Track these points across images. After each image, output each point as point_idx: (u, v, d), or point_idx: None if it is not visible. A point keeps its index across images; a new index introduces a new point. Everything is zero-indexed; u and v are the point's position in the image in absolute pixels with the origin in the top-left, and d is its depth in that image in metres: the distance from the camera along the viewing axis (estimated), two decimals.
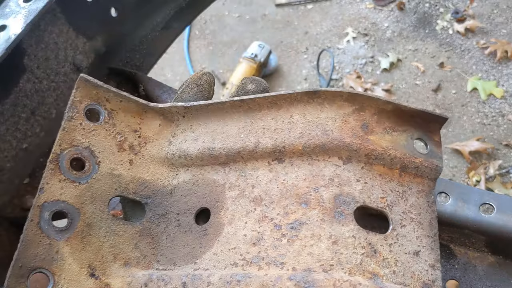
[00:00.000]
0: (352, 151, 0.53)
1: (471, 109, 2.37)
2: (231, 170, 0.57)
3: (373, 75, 2.55)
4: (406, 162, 0.53)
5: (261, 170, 0.55)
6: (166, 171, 0.59)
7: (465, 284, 0.74)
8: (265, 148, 0.55)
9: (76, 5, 0.87)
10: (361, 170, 0.53)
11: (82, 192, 0.54)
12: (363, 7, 2.84)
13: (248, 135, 0.56)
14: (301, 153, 0.54)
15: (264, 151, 0.55)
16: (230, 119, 0.58)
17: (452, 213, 0.71)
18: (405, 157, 0.53)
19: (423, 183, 0.54)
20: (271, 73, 2.63)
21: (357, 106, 0.54)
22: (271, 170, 0.55)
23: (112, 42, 1.00)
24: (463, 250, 0.76)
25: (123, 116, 0.58)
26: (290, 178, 0.54)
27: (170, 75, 2.73)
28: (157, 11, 1.09)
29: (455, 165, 2.21)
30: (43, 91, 0.86)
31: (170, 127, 0.60)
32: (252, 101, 0.56)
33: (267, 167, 0.55)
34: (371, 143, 0.53)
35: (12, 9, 0.77)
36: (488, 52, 2.50)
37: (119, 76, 1.01)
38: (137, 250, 0.55)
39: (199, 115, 0.59)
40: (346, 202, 0.51)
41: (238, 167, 0.57)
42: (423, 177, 0.54)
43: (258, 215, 0.53)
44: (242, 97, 0.56)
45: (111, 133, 0.57)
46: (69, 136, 0.55)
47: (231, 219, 0.54)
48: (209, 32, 2.89)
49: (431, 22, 2.71)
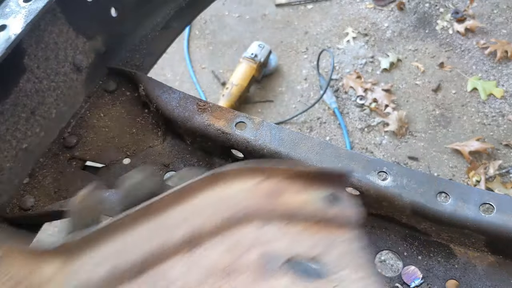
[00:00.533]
0: (269, 213, 0.52)
1: (471, 109, 2.37)
2: (143, 283, 0.51)
3: (373, 75, 2.55)
4: (324, 216, 0.53)
5: (177, 266, 0.51)
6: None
7: (465, 284, 0.74)
8: (176, 243, 0.52)
9: (76, 5, 0.87)
10: (284, 227, 0.52)
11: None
12: (363, 7, 2.84)
13: (155, 238, 0.52)
14: (216, 231, 0.52)
15: (176, 246, 0.52)
16: (132, 230, 0.53)
17: (452, 213, 0.71)
18: (321, 212, 0.53)
19: (346, 232, 0.54)
20: (271, 73, 2.63)
21: (264, 177, 0.54)
22: (187, 261, 0.51)
23: (112, 42, 1.00)
24: (463, 250, 0.76)
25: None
26: (210, 259, 0.51)
27: (170, 75, 2.73)
28: (157, 11, 1.09)
29: (455, 165, 2.21)
30: (43, 91, 0.86)
31: (66, 264, 0.53)
32: (151, 206, 0.52)
33: (183, 259, 0.51)
34: (285, 204, 0.53)
35: (12, 9, 0.77)
36: (488, 52, 2.50)
37: (119, 76, 1.01)
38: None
39: (97, 239, 0.53)
40: (275, 257, 0.50)
41: (150, 275, 0.52)
42: (345, 227, 0.54)
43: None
44: (138, 208, 0.52)
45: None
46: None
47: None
48: (209, 32, 2.89)
49: (431, 22, 2.71)
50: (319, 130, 2.40)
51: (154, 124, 0.97)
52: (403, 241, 0.79)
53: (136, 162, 0.93)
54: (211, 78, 2.68)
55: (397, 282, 0.76)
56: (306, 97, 2.53)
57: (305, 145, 0.79)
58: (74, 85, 0.94)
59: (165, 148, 0.95)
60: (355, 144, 2.33)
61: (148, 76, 0.95)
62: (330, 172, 0.56)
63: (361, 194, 0.77)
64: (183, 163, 0.93)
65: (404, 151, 2.28)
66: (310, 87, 2.56)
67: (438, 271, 0.76)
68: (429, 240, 0.78)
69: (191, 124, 0.87)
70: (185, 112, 0.88)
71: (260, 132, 0.82)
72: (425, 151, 2.27)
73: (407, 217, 0.76)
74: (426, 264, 0.77)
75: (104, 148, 0.94)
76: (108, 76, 1.01)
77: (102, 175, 0.91)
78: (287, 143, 0.80)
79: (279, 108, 2.51)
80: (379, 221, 0.82)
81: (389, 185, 0.74)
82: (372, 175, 0.75)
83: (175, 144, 0.95)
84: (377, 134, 2.35)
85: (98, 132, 0.95)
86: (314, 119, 2.44)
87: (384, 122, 2.36)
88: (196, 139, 0.90)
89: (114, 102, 0.99)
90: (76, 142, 0.93)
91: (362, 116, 2.41)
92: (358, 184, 0.75)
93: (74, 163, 0.92)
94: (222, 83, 2.63)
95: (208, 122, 0.85)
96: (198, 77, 2.69)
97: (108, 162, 0.93)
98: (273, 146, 0.80)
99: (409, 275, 0.76)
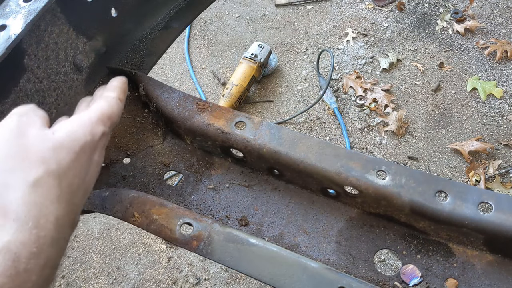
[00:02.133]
0: None
1: (470, 109, 2.37)
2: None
3: (372, 75, 2.55)
4: None
5: None
6: None
7: (463, 283, 0.74)
8: None
9: (76, 5, 0.88)
10: None
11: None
12: (363, 7, 2.84)
13: None
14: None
15: None
16: None
17: (451, 212, 0.71)
18: None
19: None
20: (271, 73, 2.63)
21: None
22: None
23: (113, 42, 1.00)
24: (462, 249, 0.76)
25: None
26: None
27: (170, 75, 2.73)
28: (157, 11, 1.09)
29: (455, 165, 2.21)
30: (44, 91, 0.86)
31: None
32: None
33: None
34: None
35: (12, 9, 0.77)
36: (488, 52, 2.51)
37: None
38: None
39: None
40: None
41: None
42: None
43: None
44: None
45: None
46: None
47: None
48: (209, 32, 2.89)
49: (430, 22, 2.71)
50: (319, 130, 2.40)
51: (154, 123, 0.97)
52: (402, 240, 0.79)
53: (136, 162, 0.93)
54: (211, 78, 2.68)
55: (396, 281, 0.76)
56: (306, 97, 2.53)
57: (305, 145, 0.79)
58: (74, 85, 0.94)
59: (165, 148, 0.95)
60: (355, 144, 2.33)
61: (148, 76, 0.96)
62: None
63: (360, 193, 0.77)
64: (183, 162, 0.93)
65: (404, 151, 2.28)
66: (310, 87, 2.56)
67: (437, 269, 0.76)
68: (428, 239, 0.78)
69: (191, 123, 0.87)
70: (185, 111, 0.88)
71: (260, 132, 0.82)
72: (424, 151, 2.27)
73: (406, 216, 0.76)
74: (425, 262, 0.77)
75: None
76: (109, 76, 1.01)
77: (102, 174, 0.91)
78: (287, 142, 0.80)
79: (279, 108, 2.51)
80: (378, 220, 0.82)
81: (387, 184, 0.74)
82: (371, 174, 0.75)
83: (175, 144, 0.95)
84: (377, 134, 2.35)
85: None
86: (314, 119, 2.44)
87: (383, 122, 2.36)
88: (196, 139, 0.90)
89: None
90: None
91: (361, 116, 2.41)
92: (357, 183, 0.75)
93: None
94: (222, 83, 2.63)
95: (208, 122, 0.86)
96: (198, 77, 2.69)
97: (108, 161, 0.93)
98: (272, 145, 0.81)
99: (408, 274, 0.76)
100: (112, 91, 0.75)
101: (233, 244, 0.71)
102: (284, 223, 0.84)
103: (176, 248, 2.14)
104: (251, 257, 0.70)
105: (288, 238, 0.82)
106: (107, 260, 2.14)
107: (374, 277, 0.77)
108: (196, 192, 0.89)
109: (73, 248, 2.18)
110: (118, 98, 0.74)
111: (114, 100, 0.72)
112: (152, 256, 2.13)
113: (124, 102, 0.77)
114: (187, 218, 0.74)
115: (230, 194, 0.88)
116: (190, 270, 2.07)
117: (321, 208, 0.84)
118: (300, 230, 0.83)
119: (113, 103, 0.72)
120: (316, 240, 0.81)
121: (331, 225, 0.83)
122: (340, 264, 0.79)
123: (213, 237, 0.72)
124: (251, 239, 0.71)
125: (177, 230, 0.73)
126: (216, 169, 0.91)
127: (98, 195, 0.80)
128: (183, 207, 0.77)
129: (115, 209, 0.78)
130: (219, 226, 0.73)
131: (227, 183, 0.90)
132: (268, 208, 0.86)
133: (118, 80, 0.79)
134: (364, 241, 0.81)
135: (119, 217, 0.78)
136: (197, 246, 0.71)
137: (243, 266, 0.69)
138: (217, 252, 0.71)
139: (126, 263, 2.12)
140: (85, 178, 0.62)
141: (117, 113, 0.72)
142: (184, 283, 2.04)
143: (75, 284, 2.08)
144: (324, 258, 0.80)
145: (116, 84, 0.77)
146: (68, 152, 0.59)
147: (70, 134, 0.61)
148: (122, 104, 0.75)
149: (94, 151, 0.64)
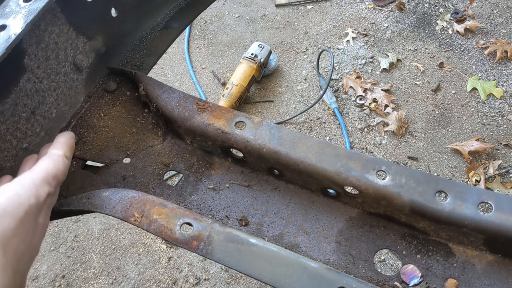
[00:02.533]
0: None
1: (470, 109, 2.37)
2: None
3: (372, 75, 2.55)
4: None
5: None
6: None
7: (463, 283, 0.74)
8: None
9: (76, 5, 0.88)
10: None
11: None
12: (363, 7, 2.84)
13: None
14: None
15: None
16: None
17: (451, 212, 0.71)
18: None
19: None
20: (271, 73, 2.63)
21: None
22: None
23: (113, 42, 1.00)
24: (462, 249, 0.76)
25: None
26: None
27: (170, 75, 2.73)
28: (157, 11, 1.09)
29: (455, 165, 2.21)
30: (44, 91, 0.86)
31: None
32: None
33: None
34: None
35: (12, 9, 0.77)
36: (488, 52, 2.51)
37: (119, 76, 1.01)
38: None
39: None
40: None
41: None
42: None
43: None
44: None
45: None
46: None
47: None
48: (209, 33, 2.89)
49: (430, 22, 2.71)
50: (319, 130, 2.40)
51: (154, 123, 0.97)
52: (402, 240, 0.79)
53: (136, 162, 0.93)
54: (211, 78, 2.68)
55: (396, 281, 0.76)
56: (306, 97, 2.53)
57: (305, 145, 0.79)
58: (74, 85, 0.94)
59: (165, 148, 0.95)
60: (355, 144, 2.33)
61: (148, 76, 0.96)
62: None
63: (360, 193, 0.77)
64: (183, 162, 0.93)
65: (404, 151, 2.28)
66: (310, 87, 2.56)
67: (437, 269, 0.76)
68: (428, 239, 0.78)
69: (191, 123, 0.87)
70: (185, 111, 0.88)
71: (260, 132, 0.82)
72: (424, 151, 2.27)
73: (406, 216, 0.76)
74: (425, 263, 0.77)
75: (104, 147, 0.94)
76: (109, 76, 1.01)
77: (102, 174, 0.91)
78: (287, 142, 0.80)
79: (279, 108, 2.51)
80: (378, 220, 0.82)
81: (387, 184, 0.74)
82: (371, 174, 0.75)
83: (175, 144, 0.95)
84: (377, 134, 2.35)
85: (98, 131, 0.96)
86: (314, 119, 2.44)
87: (383, 122, 2.36)
88: (196, 139, 0.90)
89: (114, 102, 0.99)
90: (76, 142, 0.93)
91: (361, 116, 2.41)
92: (357, 183, 0.75)
93: (74, 162, 0.92)
94: (222, 83, 2.63)
95: (208, 122, 0.86)
96: (198, 77, 2.69)
97: (108, 161, 0.93)
98: (272, 145, 0.81)
99: (408, 274, 0.76)
100: (58, 149, 0.73)
101: (233, 244, 0.71)
102: (284, 223, 0.84)
103: (176, 248, 2.14)
104: (251, 257, 0.70)
105: (288, 238, 0.82)
106: (107, 260, 2.14)
107: (374, 277, 0.77)
108: (196, 192, 0.89)
109: (73, 248, 2.18)
110: (65, 156, 0.72)
111: (60, 159, 0.71)
112: (152, 256, 2.13)
113: (70, 159, 0.75)
114: (187, 218, 0.74)
115: (230, 194, 0.88)
116: (190, 270, 2.07)
117: (321, 208, 0.84)
118: (300, 230, 0.83)
119: (59, 161, 0.70)
120: (316, 240, 0.81)
121: (331, 225, 0.83)
122: (340, 264, 0.79)
123: (213, 237, 0.72)
124: (251, 239, 0.71)
125: (177, 230, 0.73)
126: (216, 169, 0.91)
127: (98, 195, 0.80)
128: (183, 207, 0.77)
129: (115, 209, 0.78)
130: (219, 226, 0.73)
131: (227, 183, 0.90)
132: (268, 208, 0.86)
133: (65, 135, 0.77)
134: (364, 241, 0.81)
135: (119, 217, 0.78)
136: (197, 246, 0.71)
137: (243, 266, 0.69)
138: (217, 252, 0.70)
139: (126, 263, 2.12)
140: (31, 242, 0.60)
141: (63, 171, 0.70)
142: (184, 283, 2.04)
143: (75, 284, 2.08)
144: (324, 258, 0.80)
145: (62, 141, 0.76)
146: (12, 219, 0.56)
147: (14, 199, 0.58)
148: (69, 161, 0.74)
149: (39, 213, 0.62)
